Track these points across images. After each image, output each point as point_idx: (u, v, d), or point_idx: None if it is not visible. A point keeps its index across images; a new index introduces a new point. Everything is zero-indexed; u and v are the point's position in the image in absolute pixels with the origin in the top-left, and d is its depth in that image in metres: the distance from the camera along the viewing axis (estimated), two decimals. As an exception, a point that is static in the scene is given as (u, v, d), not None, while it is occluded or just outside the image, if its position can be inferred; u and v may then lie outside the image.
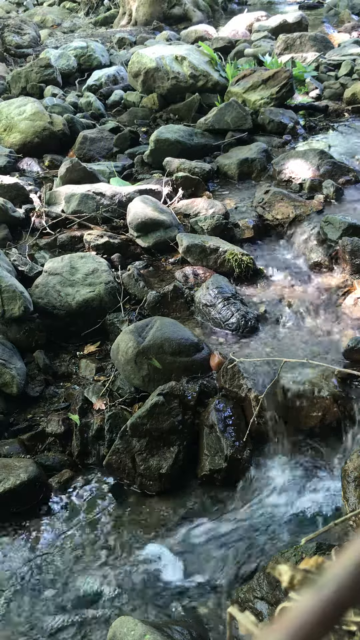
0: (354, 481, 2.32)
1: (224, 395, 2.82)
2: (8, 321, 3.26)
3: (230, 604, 2.13)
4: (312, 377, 2.75)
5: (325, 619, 0.45)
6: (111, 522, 2.57)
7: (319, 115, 5.77)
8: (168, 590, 2.28)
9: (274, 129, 5.40)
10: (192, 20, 10.98)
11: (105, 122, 6.13)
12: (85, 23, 11.94)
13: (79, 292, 3.41)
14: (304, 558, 0.63)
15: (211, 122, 5.42)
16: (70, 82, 7.67)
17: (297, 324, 3.25)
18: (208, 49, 6.63)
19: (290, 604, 0.54)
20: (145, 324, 3.05)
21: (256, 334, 3.17)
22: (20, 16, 11.29)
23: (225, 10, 12.10)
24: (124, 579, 2.33)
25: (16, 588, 2.33)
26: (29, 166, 5.38)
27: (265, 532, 2.44)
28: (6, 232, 4.17)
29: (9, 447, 2.84)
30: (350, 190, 4.28)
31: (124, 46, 9.43)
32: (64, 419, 2.92)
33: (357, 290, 3.32)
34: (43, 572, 2.39)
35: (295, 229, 3.91)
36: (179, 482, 2.67)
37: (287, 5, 12.00)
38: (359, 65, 6.64)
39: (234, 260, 3.57)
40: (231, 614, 0.62)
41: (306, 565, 0.58)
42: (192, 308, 3.40)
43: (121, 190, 4.33)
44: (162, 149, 5.03)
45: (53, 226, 4.24)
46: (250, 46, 7.83)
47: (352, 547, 0.49)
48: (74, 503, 2.66)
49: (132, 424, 2.69)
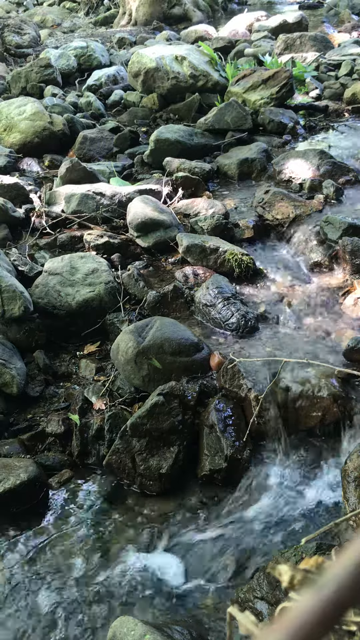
0: (354, 481, 2.32)
1: (224, 395, 2.82)
2: (8, 321, 3.26)
3: (230, 604, 2.13)
4: (312, 377, 2.75)
5: (325, 619, 0.45)
6: (111, 522, 2.57)
7: (319, 115, 5.77)
8: (168, 590, 2.28)
9: (274, 129, 5.41)
10: (192, 20, 10.98)
11: (105, 122, 6.13)
12: (85, 23, 11.94)
13: (79, 292, 3.41)
14: (304, 558, 0.63)
15: (211, 122, 5.42)
16: (70, 82, 7.68)
17: (297, 324, 3.25)
18: (208, 49, 6.63)
19: (290, 604, 0.54)
20: (145, 324, 3.05)
21: (256, 334, 3.17)
22: (20, 16, 11.29)
23: (225, 10, 12.10)
24: (124, 579, 2.33)
25: (15, 588, 2.33)
26: (29, 166, 5.38)
27: (265, 532, 2.44)
28: (6, 232, 4.17)
29: (9, 447, 2.84)
30: (350, 190, 4.28)
31: (124, 46, 9.43)
32: (64, 419, 2.93)
33: (357, 290, 3.32)
34: (43, 572, 2.39)
35: (295, 229, 3.91)
36: (179, 482, 2.67)
37: (287, 5, 12.01)
38: (359, 65, 6.65)
39: (234, 260, 3.57)
40: (231, 614, 0.62)
41: (306, 565, 0.58)
42: (192, 308, 3.40)
43: (121, 190, 4.33)
44: (162, 149, 5.03)
45: (53, 226, 4.24)
46: (250, 46, 7.84)
47: (352, 547, 0.49)
48: (74, 503, 2.66)
49: (132, 424, 2.69)
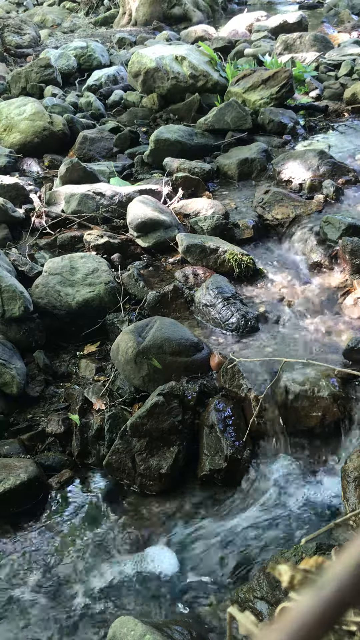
0: (354, 481, 2.32)
1: (224, 395, 2.82)
2: (8, 321, 3.26)
3: (230, 604, 2.13)
4: (312, 377, 2.75)
5: (325, 619, 0.45)
6: (111, 522, 2.57)
7: (319, 115, 5.77)
8: (168, 590, 2.28)
9: (274, 129, 5.40)
10: (192, 20, 10.97)
11: (105, 122, 6.13)
12: (85, 23, 11.94)
13: (79, 292, 3.41)
14: (304, 558, 0.63)
15: (211, 122, 5.42)
16: (70, 82, 7.67)
17: (297, 324, 3.25)
18: (208, 49, 6.63)
19: (290, 604, 0.54)
20: (145, 324, 3.05)
21: (256, 334, 3.17)
22: (20, 16, 11.29)
23: (225, 10, 12.10)
24: (124, 578, 2.33)
25: (15, 588, 2.33)
26: (29, 166, 5.38)
27: (265, 532, 2.44)
28: (6, 232, 4.17)
29: (9, 447, 2.84)
30: (350, 190, 4.28)
31: (124, 46, 9.43)
32: (64, 419, 2.93)
33: (357, 290, 3.32)
34: (42, 572, 2.39)
35: (295, 229, 3.91)
36: (179, 482, 2.67)
37: (287, 5, 12.00)
38: (359, 65, 6.64)
39: (233, 260, 3.57)
40: (231, 614, 0.62)
41: (306, 565, 0.58)
42: (192, 308, 3.40)
43: (121, 190, 4.33)
44: (162, 149, 5.03)
45: (53, 226, 4.24)
46: (250, 46, 7.84)
47: (352, 547, 0.49)
48: (74, 503, 2.66)
49: (132, 424, 2.69)
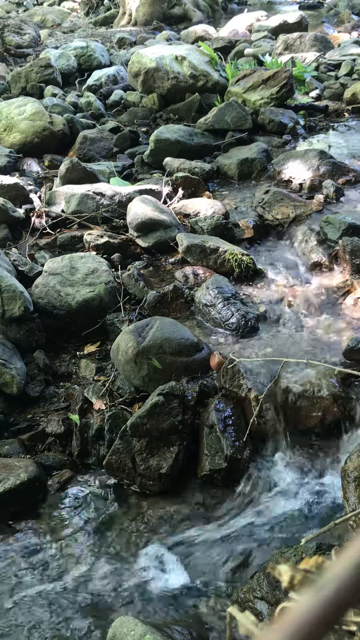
0: (354, 481, 2.32)
1: (224, 395, 2.82)
2: (8, 321, 3.26)
3: (230, 604, 2.13)
4: (312, 377, 2.75)
5: (325, 619, 0.45)
6: (111, 522, 2.57)
7: (319, 115, 5.77)
8: (168, 590, 2.28)
9: (274, 129, 5.40)
10: (192, 20, 10.97)
11: (105, 122, 6.13)
12: (85, 23, 11.94)
13: (79, 292, 3.41)
14: (304, 558, 0.63)
15: (211, 122, 5.42)
16: (70, 82, 7.67)
17: (297, 324, 3.25)
18: (208, 49, 6.63)
19: (290, 604, 0.54)
20: (145, 324, 3.05)
21: (256, 334, 3.17)
22: (20, 16, 11.29)
23: (225, 10, 12.10)
24: (124, 578, 2.33)
25: (15, 588, 2.33)
26: (29, 166, 5.38)
27: (265, 532, 2.44)
28: (6, 232, 4.17)
29: (9, 447, 2.84)
30: (350, 190, 4.28)
31: (124, 46, 9.43)
32: (64, 419, 2.93)
33: (357, 290, 3.32)
34: (42, 572, 2.39)
35: (295, 229, 3.91)
36: (179, 482, 2.67)
37: (287, 5, 12.00)
38: (359, 65, 6.65)
39: (234, 260, 3.57)
40: (231, 614, 0.62)
41: (306, 565, 0.58)
42: (192, 308, 3.40)
43: (121, 190, 4.33)
44: (162, 149, 5.03)
45: (53, 226, 4.24)
46: (250, 46, 7.83)
47: (352, 547, 0.49)
48: (74, 503, 2.66)
49: (132, 424, 2.69)
